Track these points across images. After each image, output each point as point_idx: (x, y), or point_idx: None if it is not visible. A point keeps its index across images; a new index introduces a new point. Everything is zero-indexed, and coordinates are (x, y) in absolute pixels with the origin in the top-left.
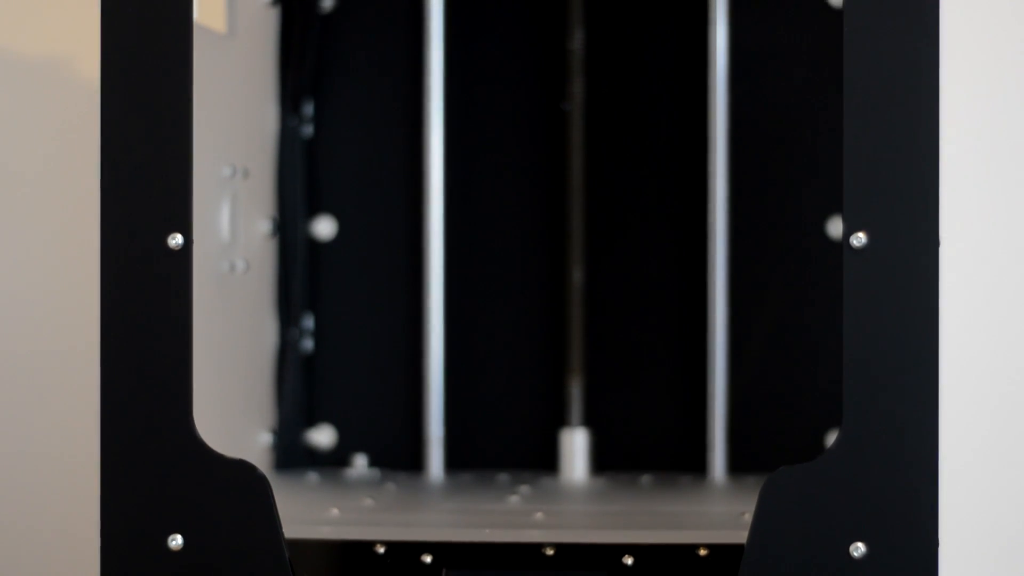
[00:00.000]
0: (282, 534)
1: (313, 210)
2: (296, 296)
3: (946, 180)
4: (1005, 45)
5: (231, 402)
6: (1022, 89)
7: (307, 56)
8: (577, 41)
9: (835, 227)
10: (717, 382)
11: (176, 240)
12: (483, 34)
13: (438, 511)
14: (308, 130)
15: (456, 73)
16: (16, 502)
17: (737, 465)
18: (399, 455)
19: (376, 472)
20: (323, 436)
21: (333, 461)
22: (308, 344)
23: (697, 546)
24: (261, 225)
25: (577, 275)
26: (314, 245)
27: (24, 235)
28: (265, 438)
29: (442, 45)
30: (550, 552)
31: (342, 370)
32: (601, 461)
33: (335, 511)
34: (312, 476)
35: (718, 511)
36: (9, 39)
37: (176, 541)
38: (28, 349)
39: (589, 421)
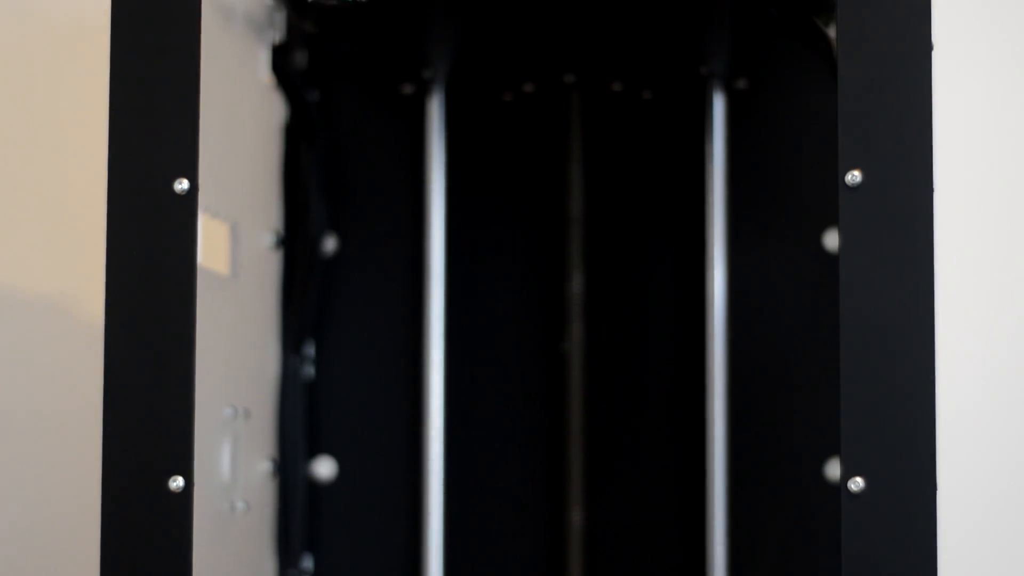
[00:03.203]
0: None
1: (313, 451)
2: (296, 537)
3: (943, 429)
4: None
5: None
6: None
7: (309, 299)
8: (576, 284)
9: (833, 469)
10: None
11: (177, 482)
12: (483, 277)
13: None
14: (309, 371)
15: (456, 314)
16: None
17: None
18: None
19: None
20: None
21: None
22: None
23: None
24: (262, 466)
25: (576, 518)
26: (314, 486)
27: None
28: None
29: (443, 289)
30: None
31: None
32: None
33: None
34: None
35: None
36: (11, 277)
37: None
38: None
39: None
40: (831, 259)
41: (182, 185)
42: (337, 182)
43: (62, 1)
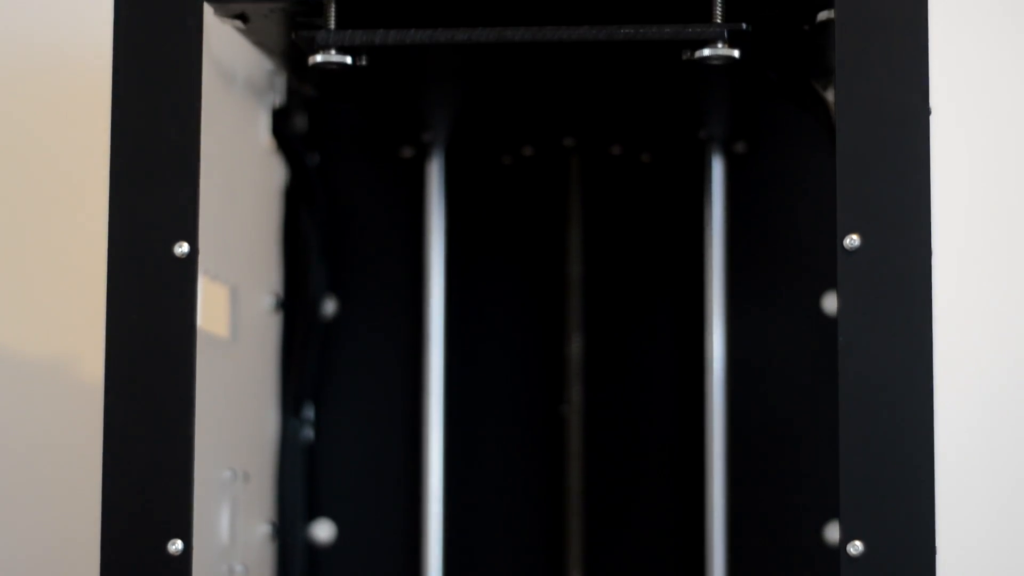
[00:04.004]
0: None
1: (313, 514)
2: None
3: (941, 499)
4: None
5: None
6: None
7: (308, 361)
8: (575, 346)
9: (832, 532)
10: None
11: (176, 546)
12: (482, 339)
13: None
14: (309, 434)
15: (456, 377)
16: None
17: None
18: None
19: None
20: None
21: None
22: None
23: None
24: (260, 529)
25: None
26: (313, 549)
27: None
28: None
29: (442, 352)
30: None
31: None
32: None
33: None
34: None
35: None
36: (11, 339)
37: None
38: None
39: None
40: (830, 322)
41: (182, 248)
42: (337, 245)
43: (63, 64)
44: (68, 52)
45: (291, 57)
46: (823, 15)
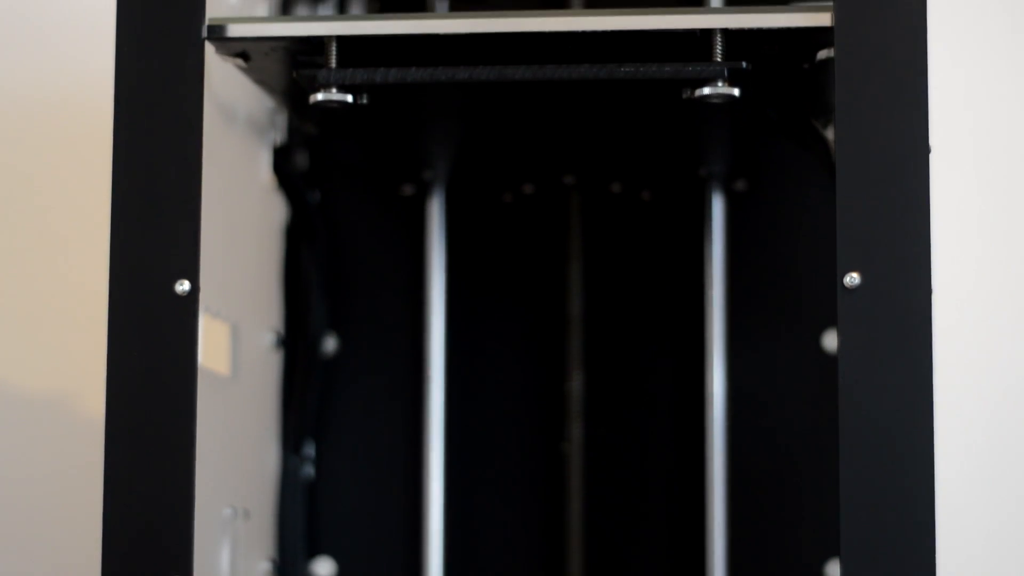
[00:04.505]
0: None
1: (313, 551)
2: None
3: (942, 538)
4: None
5: None
6: None
7: (309, 399)
8: (576, 383)
9: (833, 570)
10: None
11: None
12: (483, 376)
13: None
14: (309, 471)
15: (456, 414)
16: None
17: None
18: None
19: None
20: None
21: None
22: None
23: None
24: (261, 566)
25: None
26: None
27: None
28: None
29: (442, 388)
30: None
31: None
32: None
33: None
34: None
35: None
36: (13, 376)
37: None
38: None
39: None
40: (830, 360)
41: (183, 286)
42: (338, 282)
43: (65, 101)
44: (70, 89)
45: (292, 95)
46: (823, 54)
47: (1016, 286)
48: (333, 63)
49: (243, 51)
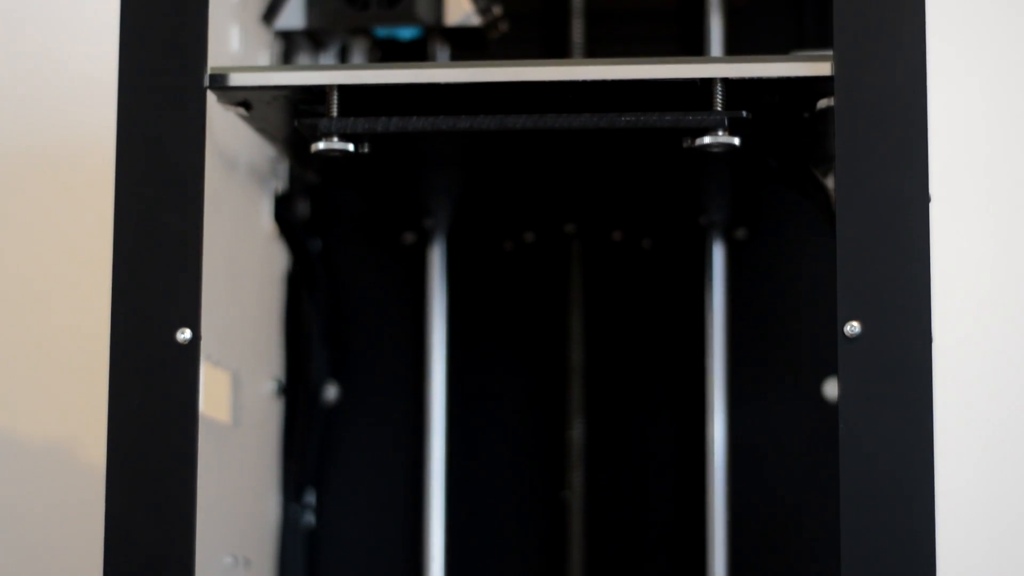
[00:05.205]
0: None
1: None
2: None
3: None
4: None
5: None
6: None
7: (310, 447)
8: (577, 432)
9: None
10: None
11: None
12: (484, 425)
13: None
14: (310, 519)
15: (457, 463)
16: None
17: None
18: None
19: None
20: None
21: None
22: None
23: None
24: None
25: None
26: None
27: None
28: None
29: (443, 437)
30: None
31: None
32: None
33: None
34: None
35: None
36: (14, 424)
37: None
38: None
39: None
40: (831, 409)
41: (184, 335)
42: (339, 330)
43: (67, 150)
44: (72, 138)
45: (293, 144)
46: (823, 103)
47: (1017, 334)
48: (334, 112)
49: (245, 100)
